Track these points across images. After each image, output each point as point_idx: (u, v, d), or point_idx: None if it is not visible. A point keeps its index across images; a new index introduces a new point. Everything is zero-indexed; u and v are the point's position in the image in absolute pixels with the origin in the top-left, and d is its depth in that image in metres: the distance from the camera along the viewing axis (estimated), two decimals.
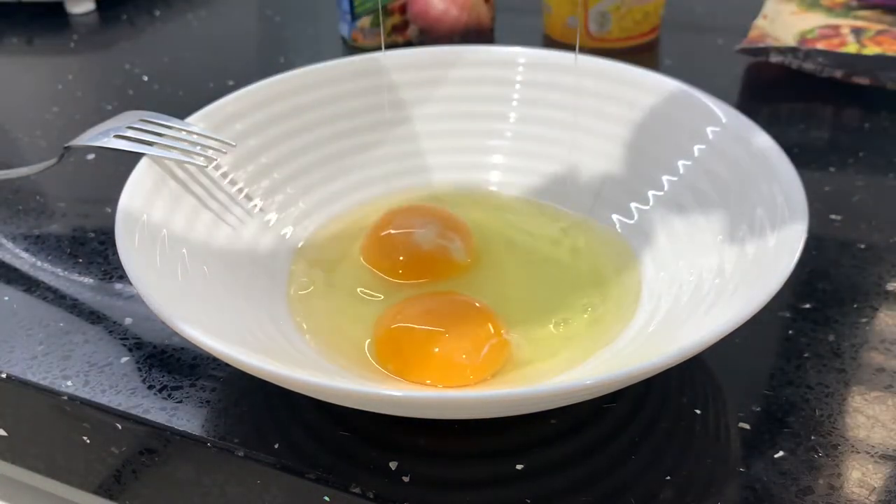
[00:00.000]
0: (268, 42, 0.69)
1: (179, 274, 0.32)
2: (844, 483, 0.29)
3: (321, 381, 0.26)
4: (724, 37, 0.61)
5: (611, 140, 0.41)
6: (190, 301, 0.31)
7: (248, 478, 0.31)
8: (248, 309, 0.34)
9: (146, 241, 0.32)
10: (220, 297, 0.33)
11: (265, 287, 0.36)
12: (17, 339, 0.36)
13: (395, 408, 0.28)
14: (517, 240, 0.40)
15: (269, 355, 0.30)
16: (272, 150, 0.41)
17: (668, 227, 0.37)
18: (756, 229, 0.32)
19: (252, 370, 0.26)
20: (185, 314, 0.29)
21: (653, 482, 0.29)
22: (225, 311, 0.32)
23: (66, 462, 0.36)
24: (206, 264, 0.34)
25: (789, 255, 0.29)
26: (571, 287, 0.37)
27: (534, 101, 0.43)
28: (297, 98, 0.42)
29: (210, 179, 0.38)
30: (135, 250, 0.31)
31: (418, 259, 0.38)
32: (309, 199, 0.41)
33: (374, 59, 0.44)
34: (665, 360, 0.26)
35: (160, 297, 0.29)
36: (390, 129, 0.43)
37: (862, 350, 0.34)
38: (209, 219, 0.37)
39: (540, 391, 0.26)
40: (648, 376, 0.27)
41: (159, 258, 0.32)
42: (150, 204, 0.34)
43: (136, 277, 0.29)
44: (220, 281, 0.34)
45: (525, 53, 0.44)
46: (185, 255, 0.34)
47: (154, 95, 0.57)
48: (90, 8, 0.72)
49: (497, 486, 0.29)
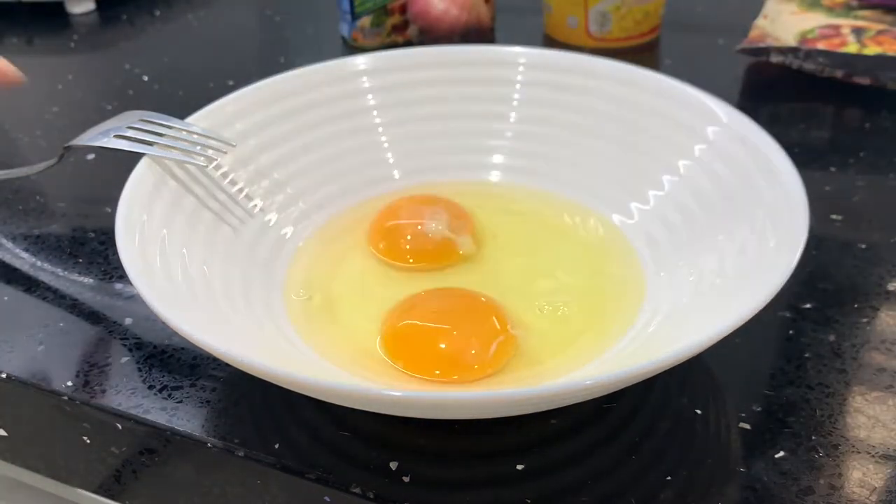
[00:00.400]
0: (268, 42, 0.69)
1: (179, 274, 0.32)
2: (845, 483, 0.28)
3: (320, 381, 0.26)
4: (725, 37, 0.61)
5: (611, 140, 0.41)
6: (189, 301, 0.31)
7: (248, 478, 0.31)
8: (248, 309, 0.34)
9: (146, 241, 0.32)
10: (219, 297, 0.33)
11: (265, 286, 0.36)
12: (18, 339, 0.36)
13: (393, 408, 0.28)
14: (518, 232, 0.40)
15: (269, 355, 0.30)
16: (272, 150, 0.41)
17: (669, 227, 0.37)
18: (756, 229, 0.32)
19: (250, 369, 0.26)
20: (185, 314, 0.29)
21: (653, 482, 0.29)
22: (224, 311, 0.32)
23: (66, 462, 0.36)
24: (206, 264, 0.34)
25: (790, 254, 0.29)
26: (573, 280, 0.37)
27: (534, 100, 0.43)
28: (297, 98, 0.42)
29: (210, 179, 0.38)
30: (135, 250, 0.31)
31: (425, 245, 0.38)
32: (309, 199, 0.41)
33: (374, 58, 0.44)
34: (663, 361, 0.26)
35: (160, 297, 0.29)
36: (390, 129, 0.43)
37: (863, 350, 0.34)
38: (209, 219, 0.36)
39: (539, 392, 0.26)
40: (647, 377, 0.27)
41: (159, 258, 0.32)
42: (151, 204, 0.34)
43: (136, 277, 0.29)
44: (220, 281, 0.34)
45: (525, 53, 0.44)
46: (185, 255, 0.34)
47: (154, 95, 0.57)
48: (90, 8, 0.72)
49: (497, 486, 0.29)
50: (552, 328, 0.34)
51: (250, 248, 0.37)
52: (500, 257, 0.39)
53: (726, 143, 0.37)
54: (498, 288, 0.36)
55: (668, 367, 0.26)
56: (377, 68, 0.44)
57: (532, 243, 0.40)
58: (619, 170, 0.40)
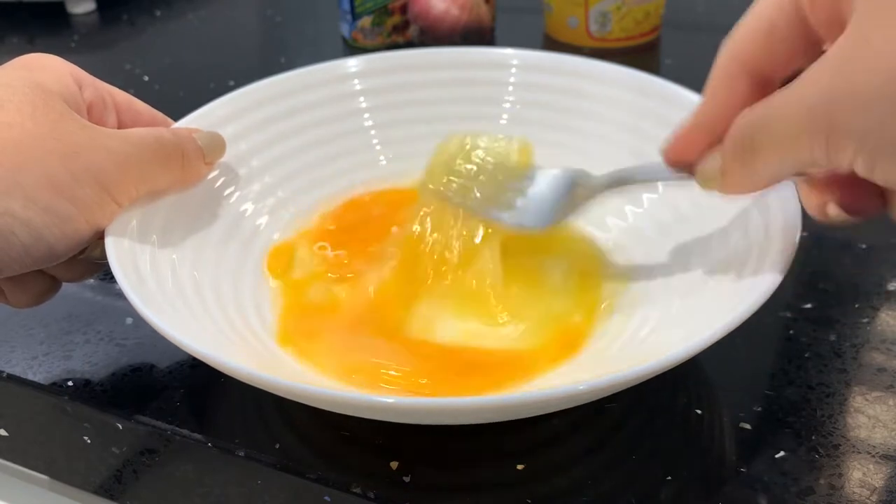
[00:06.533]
0: (268, 42, 0.70)
1: (170, 279, 0.32)
2: (845, 483, 0.28)
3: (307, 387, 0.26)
4: (725, 36, 0.61)
5: (604, 140, 0.41)
6: (179, 308, 0.31)
7: (248, 478, 0.31)
8: (238, 316, 0.34)
9: (136, 248, 0.32)
10: (210, 303, 0.33)
11: (255, 293, 0.36)
12: (18, 340, 0.36)
13: (384, 413, 0.28)
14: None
15: (260, 363, 0.30)
16: (263, 153, 0.41)
17: (661, 229, 0.37)
18: (751, 231, 0.32)
19: (241, 376, 0.26)
20: (174, 321, 0.29)
21: (653, 482, 0.29)
22: (214, 317, 0.32)
23: (67, 462, 0.36)
24: (195, 269, 0.34)
25: (785, 253, 0.29)
26: (564, 282, 0.37)
27: (526, 102, 0.43)
28: (289, 100, 0.42)
29: (202, 185, 0.37)
30: (125, 258, 0.31)
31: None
32: (299, 203, 0.41)
33: (365, 61, 0.44)
34: (654, 366, 0.26)
35: (149, 305, 0.29)
36: (382, 130, 0.43)
37: (863, 350, 0.34)
38: (201, 225, 0.36)
39: (530, 398, 0.26)
40: (639, 382, 0.27)
41: (149, 264, 0.32)
42: (141, 210, 0.33)
43: (127, 287, 0.29)
44: (209, 289, 0.34)
45: (518, 55, 0.44)
46: (175, 260, 0.33)
47: (154, 95, 0.57)
48: (91, 8, 0.72)
49: (498, 486, 0.29)
50: (547, 326, 0.34)
51: (240, 253, 0.37)
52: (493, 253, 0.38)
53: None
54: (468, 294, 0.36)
55: (659, 373, 0.26)
56: (369, 70, 0.44)
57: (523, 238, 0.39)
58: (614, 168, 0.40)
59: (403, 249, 0.37)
